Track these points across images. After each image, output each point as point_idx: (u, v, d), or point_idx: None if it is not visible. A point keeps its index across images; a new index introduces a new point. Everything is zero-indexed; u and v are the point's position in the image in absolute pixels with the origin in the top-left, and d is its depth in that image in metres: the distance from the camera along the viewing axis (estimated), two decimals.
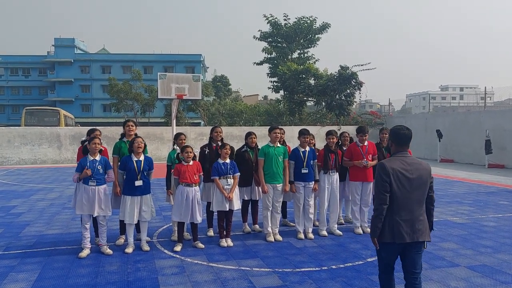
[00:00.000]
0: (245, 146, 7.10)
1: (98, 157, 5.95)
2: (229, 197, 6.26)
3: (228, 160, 6.40)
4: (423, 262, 5.57)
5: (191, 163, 6.21)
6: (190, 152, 6.17)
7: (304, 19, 32.55)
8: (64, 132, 21.20)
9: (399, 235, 3.54)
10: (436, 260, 5.67)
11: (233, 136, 22.13)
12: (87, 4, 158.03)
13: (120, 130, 7.22)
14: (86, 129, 22.36)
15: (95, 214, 5.90)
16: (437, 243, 6.50)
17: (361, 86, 26.12)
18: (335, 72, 26.28)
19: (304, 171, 6.59)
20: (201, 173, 6.37)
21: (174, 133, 20.10)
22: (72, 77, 59.34)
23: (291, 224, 7.59)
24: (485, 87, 20.79)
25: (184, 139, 6.69)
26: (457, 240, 6.67)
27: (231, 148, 6.52)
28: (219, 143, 6.71)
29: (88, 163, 5.87)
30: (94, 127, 6.86)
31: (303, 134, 6.71)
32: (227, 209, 6.33)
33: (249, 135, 7.08)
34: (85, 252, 5.86)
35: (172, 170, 6.41)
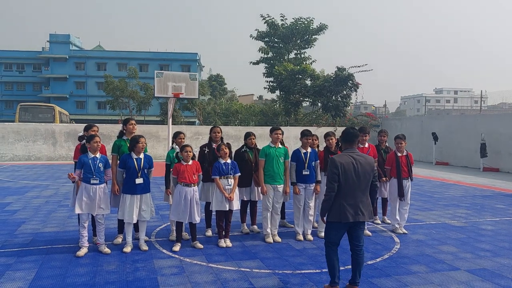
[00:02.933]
0: (244, 146, 7.06)
1: (98, 155, 5.89)
2: (230, 197, 6.22)
3: (229, 160, 6.36)
4: (422, 265, 5.62)
5: (190, 162, 6.16)
6: (190, 152, 6.12)
7: (302, 19, 32.53)
8: (59, 128, 21.03)
9: (344, 216, 4.36)
10: (437, 264, 5.67)
11: (229, 135, 22.06)
12: (83, 0, 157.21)
13: (115, 127, 7.16)
14: (81, 126, 22.27)
15: (95, 213, 5.84)
16: (437, 246, 6.51)
17: (357, 88, 26.19)
18: (332, 73, 26.32)
19: (305, 172, 6.56)
20: (200, 173, 6.33)
21: (171, 132, 20.04)
22: (67, 74, 58.98)
23: (290, 225, 7.56)
24: (481, 91, 20.90)
25: (183, 138, 6.64)
26: (456, 243, 6.68)
27: (228, 145, 6.46)
28: (220, 143, 6.66)
29: (89, 161, 5.80)
30: (91, 123, 6.78)
31: (305, 135, 6.68)
32: (227, 209, 6.29)
33: (248, 135, 7.04)
34: (82, 251, 5.79)
35: (171, 169, 6.36)
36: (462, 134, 20.20)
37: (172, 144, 6.73)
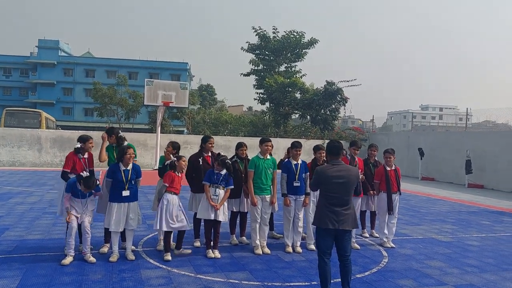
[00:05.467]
0: (235, 157, 7.05)
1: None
2: (215, 206, 6.17)
3: (223, 172, 6.30)
4: (410, 279, 5.64)
5: (179, 174, 6.15)
6: (185, 162, 6.11)
7: (293, 33, 32.87)
8: (45, 135, 20.74)
9: (323, 222, 4.56)
10: (424, 278, 5.70)
11: (218, 145, 21.97)
12: (73, 7, 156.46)
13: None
14: (66, 132, 22.02)
15: (79, 221, 5.74)
16: (424, 260, 6.54)
17: (346, 102, 26.44)
18: (321, 87, 26.55)
19: (296, 184, 6.57)
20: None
21: (159, 140, 19.88)
22: (54, 79, 58.44)
23: (278, 235, 7.54)
24: (467, 109, 21.21)
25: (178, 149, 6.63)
26: (443, 258, 6.73)
27: (233, 164, 6.45)
28: (215, 153, 6.66)
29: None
30: (87, 135, 6.62)
31: (295, 147, 6.71)
32: (212, 218, 6.22)
33: (240, 146, 7.03)
34: (68, 260, 5.68)
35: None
36: (448, 151, 20.47)
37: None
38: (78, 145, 6.30)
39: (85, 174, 5.74)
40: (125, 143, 6.49)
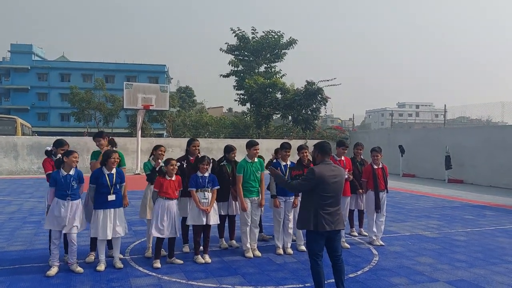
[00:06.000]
0: (223, 160, 6.94)
1: (72, 172, 5.62)
2: (207, 210, 6.06)
3: (207, 174, 6.22)
4: (403, 277, 5.65)
5: (173, 177, 5.99)
6: (175, 166, 5.96)
7: (272, 33, 32.93)
8: (21, 141, 20.17)
9: (322, 225, 4.47)
10: (416, 275, 5.72)
11: (200, 148, 21.83)
12: (46, 10, 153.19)
13: (81, 140, 6.93)
14: (44, 138, 21.45)
15: (65, 231, 5.53)
16: (414, 257, 6.58)
17: (327, 101, 26.61)
18: (302, 87, 26.65)
19: None
20: (181, 188, 6.15)
21: (140, 144, 19.53)
22: (28, 85, 57.01)
23: (267, 237, 7.48)
24: (444, 105, 21.61)
25: (164, 151, 6.47)
26: (433, 254, 6.78)
27: (212, 161, 6.35)
28: (199, 156, 6.52)
29: (62, 179, 5.51)
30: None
31: (284, 148, 6.65)
32: (204, 223, 6.12)
33: (231, 149, 6.89)
34: (53, 270, 5.48)
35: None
36: (427, 147, 20.81)
37: (151, 156, 6.52)
38: (49, 148, 6.11)
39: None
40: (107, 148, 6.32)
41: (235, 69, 34.61)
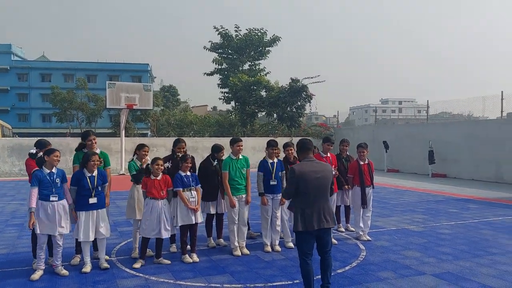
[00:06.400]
0: (212, 159, 6.88)
1: (54, 169, 5.50)
2: (196, 208, 6.02)
3: (189, 173, 6.16)
4: (390, 271, 5.69)
5: (159, 177, 5.92)
6: (161, 166, 5.88)
7: (255, 31, 32.89)
8: (2, 143, 19.75)
9: (310, 225, 4.41)
10: (403, 269, 5.77)
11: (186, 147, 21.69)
12: (25, 9, 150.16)
13: (63, 141, 6.78)
14: (25, 140, 21.01)
15: (56, 233, 5.41)
16: (400, 251, 6.64)
17: (311, 99, 26.70)
18: (286, 85, 26.69)
19: (273, 182, 6.51)
20: (170, 188, 6.07)
21: (124, 144, 19.31)
22: (8, 85, 55.78)
23: (255, 234, 7.46)
24: (427, 101, 21.85)
25: (147, 151, 6.39)
26: (419, 248, 6.85)
27: (193, 159, 6.31)
28: (179, 155, 6.45)
29: (46, 176, 5.39)
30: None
31: (271, 145, 6.63)
32: (194, 222, 6.08)
33: (220, 149, 6.85)
34: (38, 274, 5.36)
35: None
36: (411, 142, 21.06)
37: (134, 156, 6.44)
38: (33, 151, 5.96)
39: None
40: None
41: (219, 67, 34.47)
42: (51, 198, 5.38)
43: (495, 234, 7.82)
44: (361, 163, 7.50)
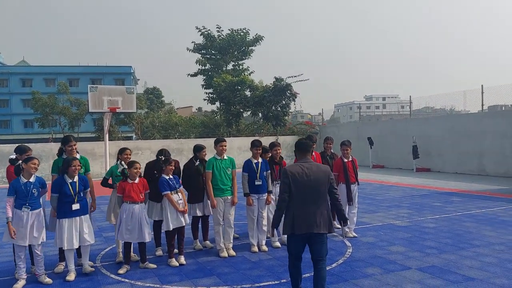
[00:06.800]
0: (196, 160, 6.84)
1: (32, 179, 5.37)
2: (185, 210, 6.00)
3: (171, 175, 6.11)
4: (376, 267, 5.72)
5: (136, 180, 5.85)
6: (138, 169, 5.82)
7: (238, 31, 32.85)
8: None
9: (298, 227, 4.22)
10: (389, 264, 5.81)
11: (170, 149, 21.36)
12: (2, 13, 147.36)
13: (46, 146, 6.65)
14: (6, 146, 20.61)
15: (27, 243, 5.30)
16: (386, 247, 6.69)
17: (296, 97, 26.79)
18: (270, 84, 26.72)
19: (258, 182, 6.49)
20: (148, 191, 6.01)
21: (108, 148, 19.09)
22: None
23: (236, 235, 7.41)
24: (410, 96, 22.15)
25: (130, 154, 6.33)
26: (404, 243, 6.92)
27: (177, 163, 6.28)
28: (162, 158, 6.38)
29: (22, 186, 5.27)
30: (25, 146, 6.14)
31: (255, 145, 6.62)
32: (184, 224, 6.05)
33: (201, 148, 6.83)
34: (20, 284, 5.25)
35: (116, 184, 6.05)
36: (395, 138, 21.29)
37: (117, 160, 6.36)
38: (13, 156, 5.84)
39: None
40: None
41: (203, 68, 34.35)
42: (23, 209, 5.24)
43: (478, 226, 7.94)
44: (345, 160, 7.54)
